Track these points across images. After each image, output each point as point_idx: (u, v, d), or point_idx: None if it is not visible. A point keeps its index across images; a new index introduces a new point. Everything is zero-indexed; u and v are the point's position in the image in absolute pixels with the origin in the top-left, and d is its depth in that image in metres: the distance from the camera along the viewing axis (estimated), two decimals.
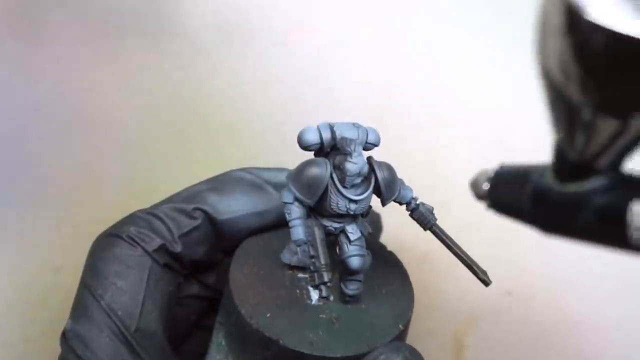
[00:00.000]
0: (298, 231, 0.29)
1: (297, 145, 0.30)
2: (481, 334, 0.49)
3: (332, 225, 0.29)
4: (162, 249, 0.31)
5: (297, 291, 0.31)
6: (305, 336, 0.28)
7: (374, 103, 0.52)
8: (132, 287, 0.30)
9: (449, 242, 0.30)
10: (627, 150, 0.21)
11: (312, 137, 0.28)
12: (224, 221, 0.32)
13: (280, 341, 0.28)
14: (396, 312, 0.31)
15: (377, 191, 0.29)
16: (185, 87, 0.49)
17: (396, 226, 0.36)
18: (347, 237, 0.29)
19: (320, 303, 0.30)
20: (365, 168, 0.28)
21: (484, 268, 0.31)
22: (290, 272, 0.31)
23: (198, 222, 0.32)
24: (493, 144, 0.52)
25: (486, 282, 0.30)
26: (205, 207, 0.32)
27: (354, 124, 0.29)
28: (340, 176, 0.28)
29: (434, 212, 0.31)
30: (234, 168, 0.35)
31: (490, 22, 0.52)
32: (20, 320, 0.45)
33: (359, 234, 0.30)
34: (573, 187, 0.22)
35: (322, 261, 0.28)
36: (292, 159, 0.50)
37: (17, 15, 0.47)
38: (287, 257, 0.31)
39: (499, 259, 0.49)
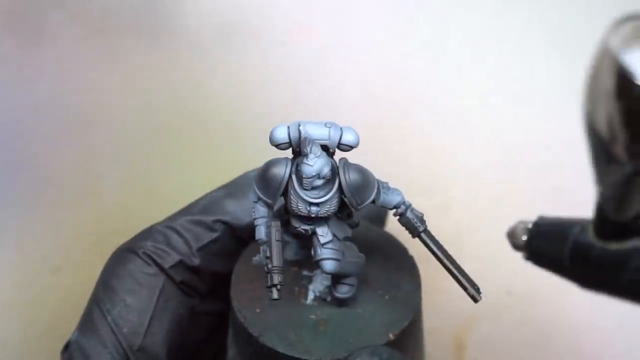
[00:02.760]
0: (260, 230, 0.28)
1: None
2: (481, 334, 0.49)
3: (302, 226, 0.28)
4: (180, 264, 0.31)
5: (296, 289, 0.30)
6: (285, 336, 0.28)
7: (373, 103, 0.52)
8: (140, 305, 0.30)
9: (438, 253, 0.28)
10: None
11: (281, 136, 0.27)
12: (245, 227, 0.32)
13: (260, 338, 0.28)
14: (391, 320, 0.30)
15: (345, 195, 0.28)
16: (185, 87, 0.49)
17: (397, 224, 0.36)
18: (319, 240, 0.28)
19: (315, 303, 0.30)
20: (325, 170, 0.26)
21: (484, 268, 0.31)
22: (295, 269, 0.31)
23: (217, 234, 0.32)
24: (493, 144, 0.52)
25: (475, 299, 0.28)
26: (225, 218, 0.32)
27: (326, 124, 0.28)
28: (299, 178, 0.27)
29: (425, 218, 0.29)
30: (233, 168, 0.35)
31: (490, 23, 0.52)
32: (19, 320, 0.45)
33: (330, 237, 0.28)
34: (615, 246, 0.22)
35: (275, 263, 0.27)
36: None
37: (17, 15, 0.47)
38: (289, 253, 0.30)
39: (499, 259, 0.49)
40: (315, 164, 0.26)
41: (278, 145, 0.28)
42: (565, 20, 0.52)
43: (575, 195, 0.52)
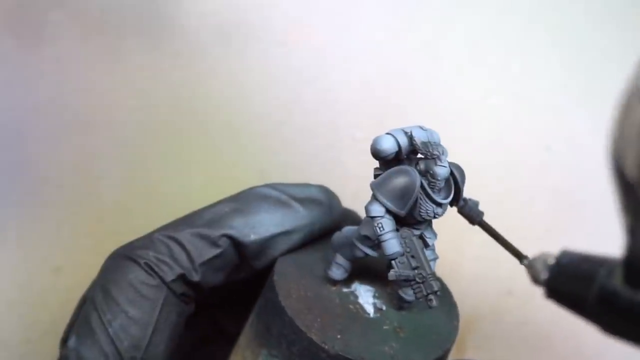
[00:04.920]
0: (394, 244, 0.28)
1: (301, 145, 0.29)
2: (482, 334, 0.49)
3: (414, 232, 0.29)
4: (181, 278, 0.31)
5: (350, 306, 0.30)
6: (382, 351, 0.28)
7: (373, 103, 0.52)
8: (142, 318, 0.30)
9: (497, 233, 0.30)
10: None
11: (390, 145, 0.28)
12: (249, 244, 0.31)
13: None
14: (445, 310, 0.31)
15: (455, 192, 0.29)
16: (185, 87, 0.49)
17: None
18: (426, 243, 0.29)
19: (378, 315, 0.30)
20: (449, 170, 0.28)
21: (485, 268, 0.32)
22: (334, 288, 0.31)
23: (221, 249, 0.31)
24: (493, 144, 0.52)
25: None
26: (231, 232, 0.31)
27: (421, 127, 0.29)
28: (428, 181, 0.27)
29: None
30: (233, 168, 0.35)
31: (490, 23, 0.52)
32: (19, 320, 0.45)
33: (435, 238, 0.30)
34: None
35: (429, 270, 0.28)
36: (291, 159, 0.50)
37: (17, 15, 0.47)
38: (337, 273, 0.30)
39: (499, 259, 0.49)
40: (446, 165, 0.27)
41: (385, 157, 0.28)
42: (565, 20, 0.52)
43: (575, 195, 0.52)
